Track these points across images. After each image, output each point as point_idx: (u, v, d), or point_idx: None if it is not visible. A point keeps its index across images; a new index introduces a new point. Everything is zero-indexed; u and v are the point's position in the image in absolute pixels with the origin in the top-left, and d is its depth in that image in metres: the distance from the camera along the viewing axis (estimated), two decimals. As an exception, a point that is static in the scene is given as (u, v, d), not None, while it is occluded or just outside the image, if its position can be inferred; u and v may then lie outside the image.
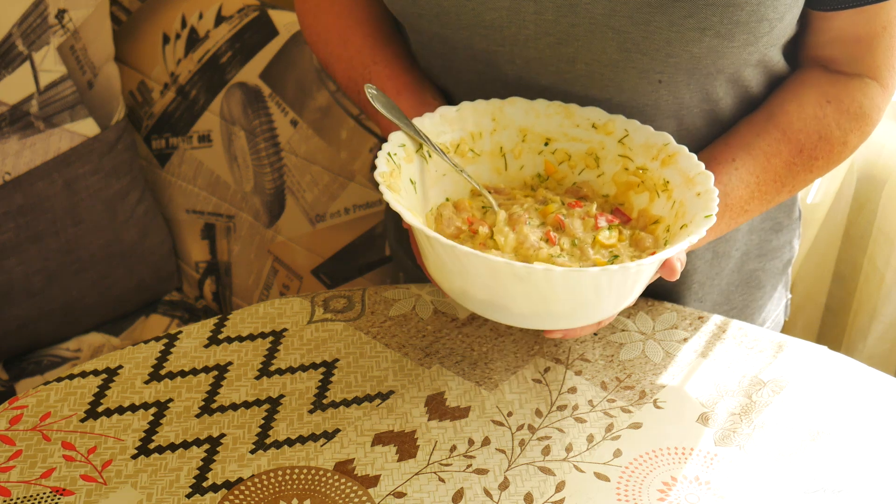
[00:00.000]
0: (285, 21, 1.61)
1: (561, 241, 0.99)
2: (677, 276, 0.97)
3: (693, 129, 1.11)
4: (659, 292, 1.18)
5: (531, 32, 1.04)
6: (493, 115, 1.06)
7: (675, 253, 0.93)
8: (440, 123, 1.05)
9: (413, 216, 0.94)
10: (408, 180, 1.00)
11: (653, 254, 0.97)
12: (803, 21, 1.11)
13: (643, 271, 0.92)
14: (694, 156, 1.01)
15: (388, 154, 0.99)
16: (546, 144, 1.07)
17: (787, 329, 1.86)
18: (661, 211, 1.02)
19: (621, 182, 1.05)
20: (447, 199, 1.04)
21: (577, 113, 1.06)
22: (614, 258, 0.97)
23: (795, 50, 1.14)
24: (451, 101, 1.15)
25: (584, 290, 0.92)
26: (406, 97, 1.12)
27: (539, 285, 0.90)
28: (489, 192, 1.05)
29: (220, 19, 1.63)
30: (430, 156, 1.03)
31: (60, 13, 1.53)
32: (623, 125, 1.05)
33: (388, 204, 1.08)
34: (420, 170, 1.02)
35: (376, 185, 1.56)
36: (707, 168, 1.07)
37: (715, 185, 1.05)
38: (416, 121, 1.03)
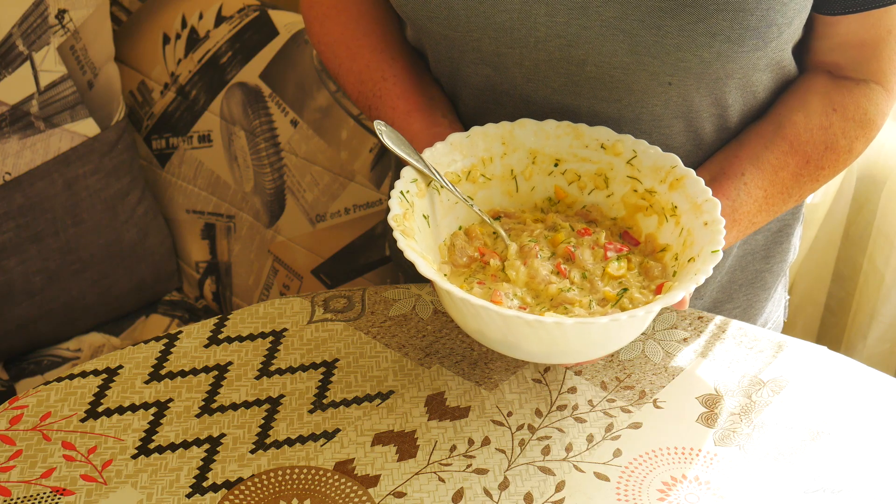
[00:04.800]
0: (285, 21, 1.61)
1: (571, 273, 1.00)
2: (686, 307, 0.99)
3: (701, 132, 1.12)
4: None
5: (542, 35, 1.04)
6: (503, 139, 1.07)
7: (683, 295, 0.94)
8: (451, 151, 1.05)
9: (427, 265, 0.95)
10: (421, 216, 1.01)
11: (661, 286, 0.99)
12: (808, 26, 1.11)
13: (652, 312, 0.94)
14: (701, 180, 1.02)
15: (401, 193, 1.00)
16: (556, 165, 1.08)
17: (786, 329, 1.86)
18: (669, 238, 1.02)
19: (630, 204, 1.06)
20: (460, 228, 1.05)
21: (587, 133, 1.07)
22: (624, 291, 0.99)
23: (801, 54, 1.15)
24: (459, 107, 1.16)
25: (595, 336, 0.94)
26: (417, 118, 1.12)
27: (551, 333, 0.93)
28: (500, 216, 1.06)
29: (220, 19, 1.63)
30: (441, 186, 1.03)
31: (60, 13, 1.53)
32: (632, 146, 1.05)
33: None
34: (432, 202, 1.03)
35: (377, 186, 1.56)
36: (716, 181, 1.08)
37: (724, 199, 1.07)
38: (427, 152, 1.04)
